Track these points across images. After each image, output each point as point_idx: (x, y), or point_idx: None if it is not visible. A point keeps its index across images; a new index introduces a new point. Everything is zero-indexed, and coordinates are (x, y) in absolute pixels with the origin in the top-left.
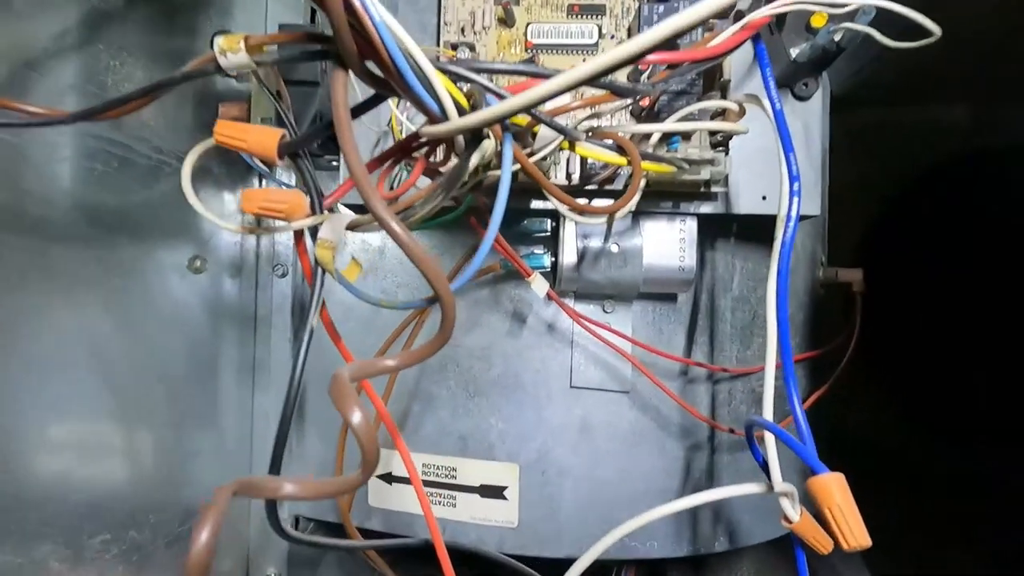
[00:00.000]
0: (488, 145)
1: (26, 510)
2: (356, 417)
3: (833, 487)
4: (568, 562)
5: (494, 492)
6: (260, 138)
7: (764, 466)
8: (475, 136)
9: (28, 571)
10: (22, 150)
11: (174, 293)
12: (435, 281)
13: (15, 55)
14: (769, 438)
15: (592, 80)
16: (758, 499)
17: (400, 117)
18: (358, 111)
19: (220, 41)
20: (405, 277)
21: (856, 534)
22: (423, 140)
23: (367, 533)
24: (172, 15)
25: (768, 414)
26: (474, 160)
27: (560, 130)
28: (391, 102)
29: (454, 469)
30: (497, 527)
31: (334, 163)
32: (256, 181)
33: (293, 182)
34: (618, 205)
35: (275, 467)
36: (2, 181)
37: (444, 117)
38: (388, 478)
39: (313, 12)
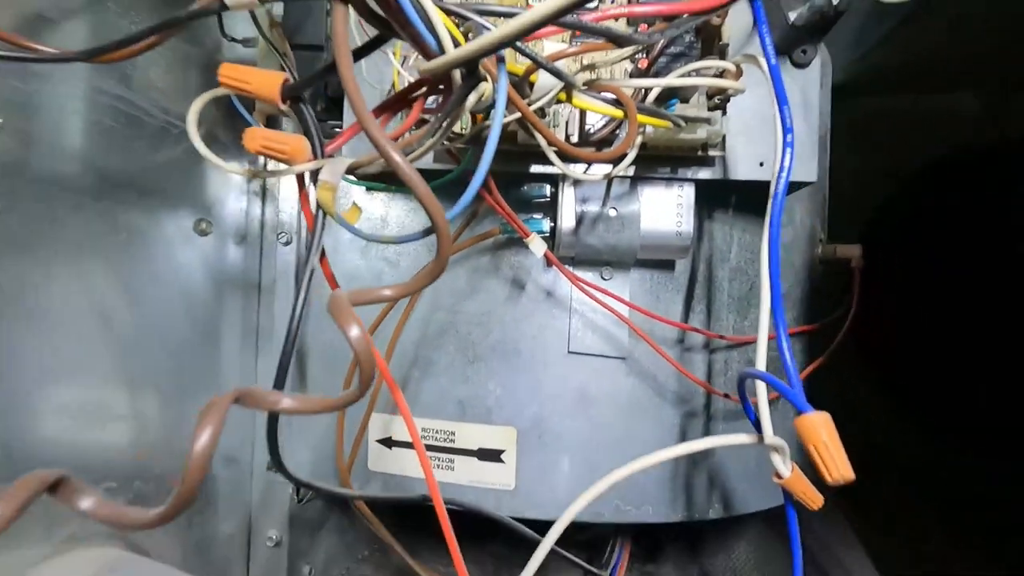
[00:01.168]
0: (485, 87)
1: (33, 463)
2: (354, 331)
3: (819, 425)
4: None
5: (491, 456)
6: (264, 81)
7: (757, 423)
8: (471, 72)
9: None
10: (33, 102)
11: (179, 258)
12: (431, 209)
13: (29, 10)
14: (761, 390)
15: (580, 5)
16: (754, 468)
17: (402, 71)
18: (359, 53)
19: None
20: (407, 245)
21: (840, 468)
22: (422, 82)
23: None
24: None
25: (761, 365)
26: (471, 99)
27: (557, 74)
28: (393, 58)
29: (453, 433)
30: (494, 490)
31: (336, 129)
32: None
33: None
34: (615, 152)
35: (279, 384)
36: (13, 136)
37: (440, 51)
38: (388, 442)
39: None
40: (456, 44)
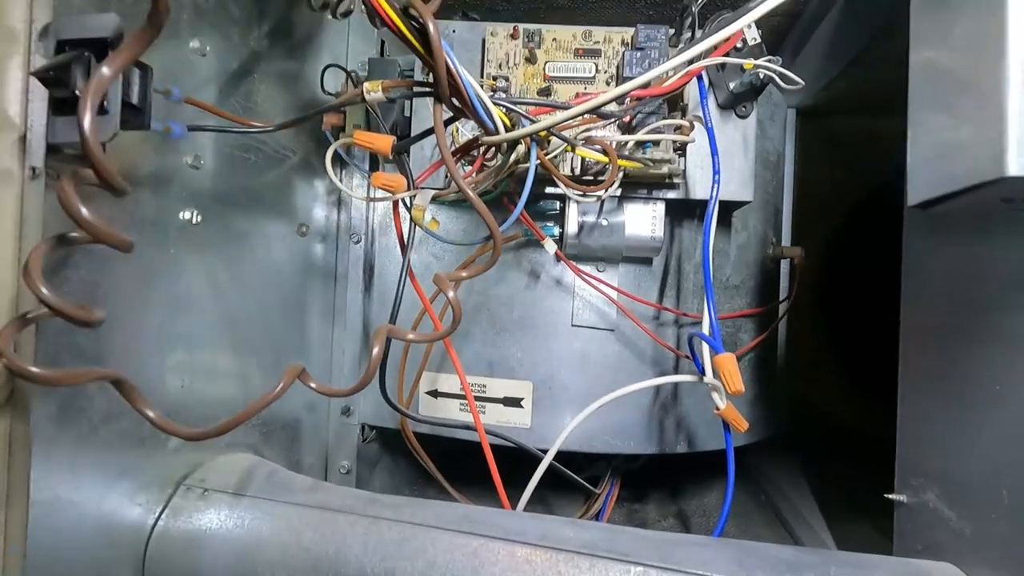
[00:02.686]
0: (520, 148)
1: (169, 410)
2: (451, 292)
3: (726, 360)
4: (566, 454)
5: (514, 402)
6: (382, 142)
7: (702, 370)
8: (513, 142)
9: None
10: (202, 143)
11: (280, 254)
12: (490, 221)
13: (213, 83)
14: (705, 347)
15: (581, 115)
16: (711, 417)
17: (462, 129)
18: (445, 124)
19: (367, 84)
20: (438, 249)
21: (735, 385)
22: (481, 144)
23: (419, 436)
24: (292, 50)
25: (705, 329)
26: (512, 157)
27: (565, 140)
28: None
29: (484, 386)
30: (515, 428)
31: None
32: (340, 169)
33: (366, 167)
34: (600, 187)
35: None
36: (206, 174)
37: (496, 132)
38: (435, 394)
39: (383, 44)
40: (505, 126)
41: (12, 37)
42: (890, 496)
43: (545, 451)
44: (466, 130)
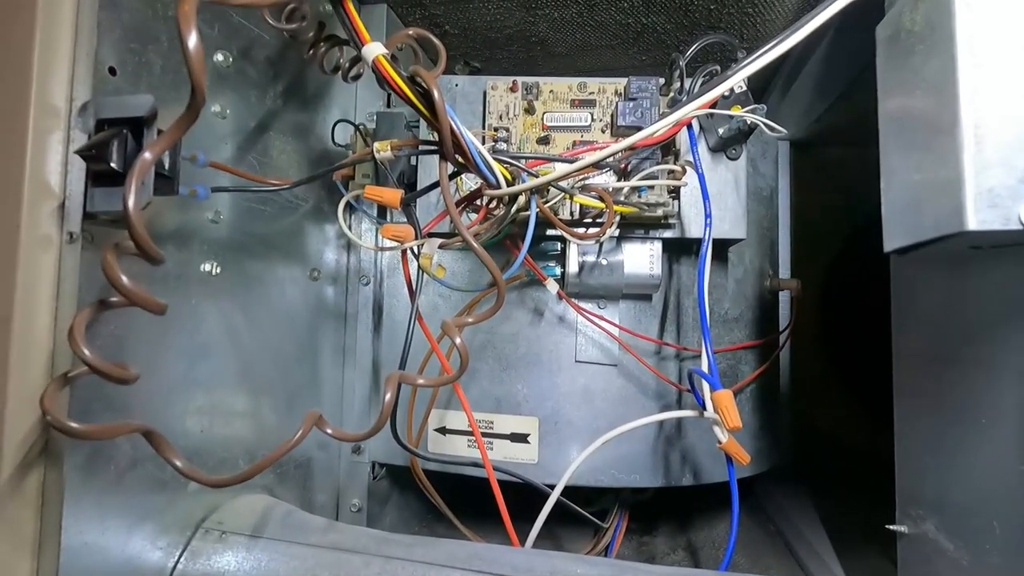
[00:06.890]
0: (521, 199)
1: (185, 450)
2: (458, 339)
3: (724, 396)
4: (573, 488)
5: (520, 438)
6: (391, 195)
7: (703, 404)
8: (514, 195)
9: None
10: (222, 196)
11: (292, 297)
12: (494, 271)
13: (231, 141)
14: (705, 384)
15: (579, 171)
16: (714, 448)
17: (466, 180)
18: (449, 178)
19: (377, 144)
20: (444, 289)
21: (733, 420)
22: (479, 190)
23: (428, 473)
24: (304, 105)
25: (704, 367)
26: (513, 208)
27: (563, 190)
28: None
29: (492, 422)
30: (522, 463)
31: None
32: (350, 214)
33: (375, 213)
34: (598, 233)
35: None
36: (224, 225)
37: (498, 186)
38: (443, 431)
39: (389, 97)
40: (506, 180)
41: (55, 114)
42: (891, 527)
43: (552, 486)
44: (469, 179)
